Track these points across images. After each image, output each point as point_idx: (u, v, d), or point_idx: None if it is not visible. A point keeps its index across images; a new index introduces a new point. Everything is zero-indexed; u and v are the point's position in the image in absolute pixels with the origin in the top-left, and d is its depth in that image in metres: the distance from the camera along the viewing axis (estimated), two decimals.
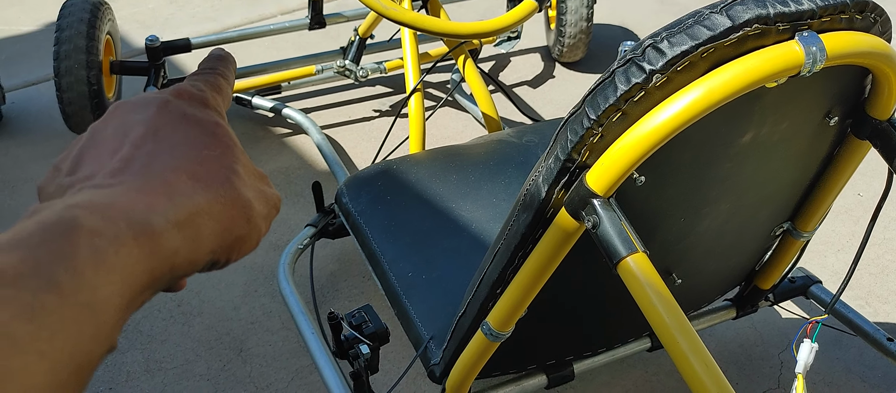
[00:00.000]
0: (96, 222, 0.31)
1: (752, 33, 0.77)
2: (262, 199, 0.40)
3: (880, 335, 1.46)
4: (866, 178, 2.11)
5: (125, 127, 0.39)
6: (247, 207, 0.38)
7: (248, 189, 0.39)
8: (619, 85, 0.79)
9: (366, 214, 1.44)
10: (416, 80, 1.92)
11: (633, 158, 0.81)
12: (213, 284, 1.82)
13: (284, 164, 2.25)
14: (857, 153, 1.06)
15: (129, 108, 0.40)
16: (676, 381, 1.55)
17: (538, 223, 0.91)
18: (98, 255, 0.30)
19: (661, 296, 0.82)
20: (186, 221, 0.35)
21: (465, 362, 1.13)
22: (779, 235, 1.25)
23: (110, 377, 1.59)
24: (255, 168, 0.42)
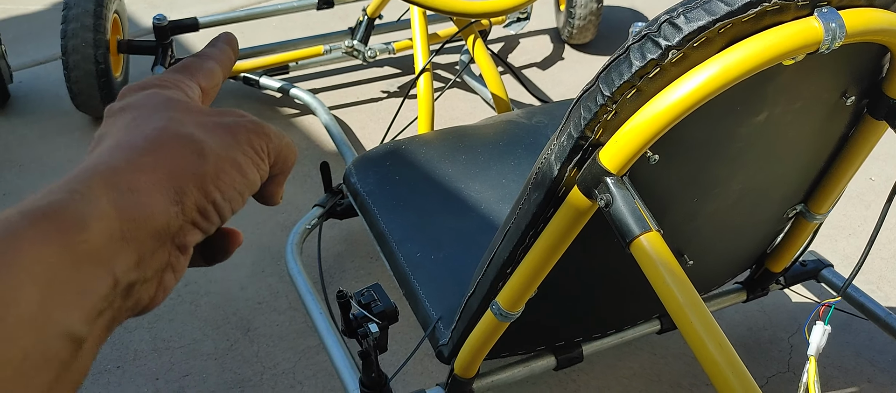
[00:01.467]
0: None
1: (770, 9, 0.76)
2: (218, 130, 0.38)
3: (892, 319, 1.45)
4: (878, 162, 2.09)
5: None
6: (189, 140, 0.36)
7: (188, 126, 0.37)
8: (635, 61, 0.78)
9: (374, 194, 1.43)
10: (424, 61, 1.90)
11: (647, 136, 0.80)
12: (220, 264, 1.81)
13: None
14: (874, 134, 1.04)
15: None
16: (684, 364, 1.55)
17: (550, 202, 0.90)
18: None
19: (675, 275, 0.81)
20: (105, 183, 0.33)
21: (474, 343, 1.12)
22: (791, 218, 1.24)
23: (118, 355, 1.59)
24: (210, 109, 0.40)
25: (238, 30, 2.84)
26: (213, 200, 0.37)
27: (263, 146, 0.39)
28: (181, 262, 0.37)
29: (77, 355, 0.31)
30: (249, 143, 0.38)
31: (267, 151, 0.40)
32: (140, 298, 0.35)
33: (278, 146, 0.40)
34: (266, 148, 0.40)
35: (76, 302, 0.31)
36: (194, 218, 0.36)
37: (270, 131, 0.40)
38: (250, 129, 0.39)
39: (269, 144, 0.40)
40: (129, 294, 0.34)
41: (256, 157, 0.39)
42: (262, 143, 0.39)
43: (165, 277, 0.36)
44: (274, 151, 0.40)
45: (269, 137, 0.40)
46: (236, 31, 2.83)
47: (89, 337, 0.32)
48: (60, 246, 0.31)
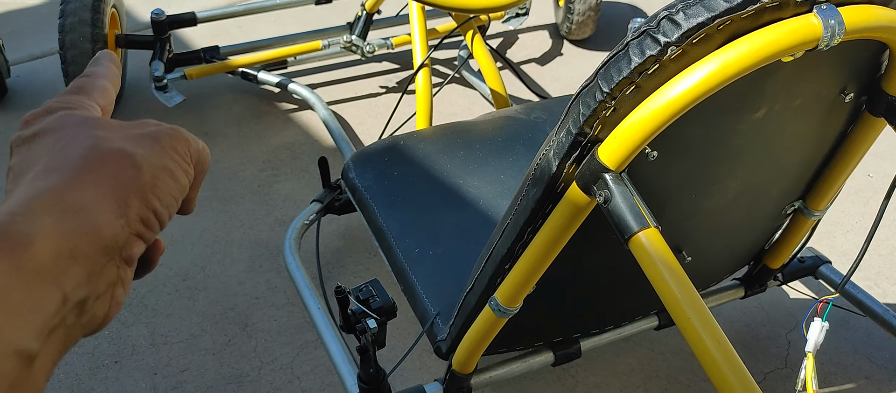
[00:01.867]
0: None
1: (769, 5, 0.76)
2: (144, 140, 0.39)
3: (889, 316, 1.45)
4: (877, 159, 2.09)
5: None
6: (122, 154, 0.37)
7: (117, 140, 0.38)
8: (633, 57, 0.78)
9: (372, 190, 1.43)
10: (423, 56, 1.90)
11: (645, 133, 0.80)
12: (218, 260, 1.82)
13: (290, 139, 2.24)
14: (872, 131, 1.04)
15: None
16: (682, 359, 1.55)
17: (548, 198, 0.90)
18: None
19: (673, 271, 0.81)
20: (45, 204, 0.34)
21: (472, 338, 1.12)
22: (790, 214, 1.24)
23: (116, 351, 1.59)
24: (127, 122, 0.41)
25: (236, 24, 2.84)
26: (154, 209, 0.37)
27: (186, 150, 0.40)
28: (128, 275, 0.37)
29: (29, 373, 0.31)
30: (174, 148, 0.39)
31: (190, 155, 0.41)
32: (94, 314, 0.35)
33: (197, 149, 0.42)
34: (188, 151, 0.40)
35: (27, 319, 0.31)
36: (138, 229, 0.37)
37: (188, 135, 0.41)
38: (172, 136, 0.40)
39: (190, 148, 0.41)
40: (82, 311, 0.34)
41: (182, 161, 0.40)
42: (183, 147, 0.40)
43: (116, 292, 0.37)
44: (194, 154, 0.41)
45: (188, 141, 0.41)
46: (234, 25, 2.83)
47: (40, 354, 0.32)
48: (8, 263, 0.31)
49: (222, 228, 1.91)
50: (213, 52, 2.35)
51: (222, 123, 2.31)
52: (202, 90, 2.46)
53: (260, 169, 2.12)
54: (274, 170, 2.12)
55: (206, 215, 1.95)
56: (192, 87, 2.45)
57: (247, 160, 2.16)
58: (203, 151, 0.42)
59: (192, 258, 1.82)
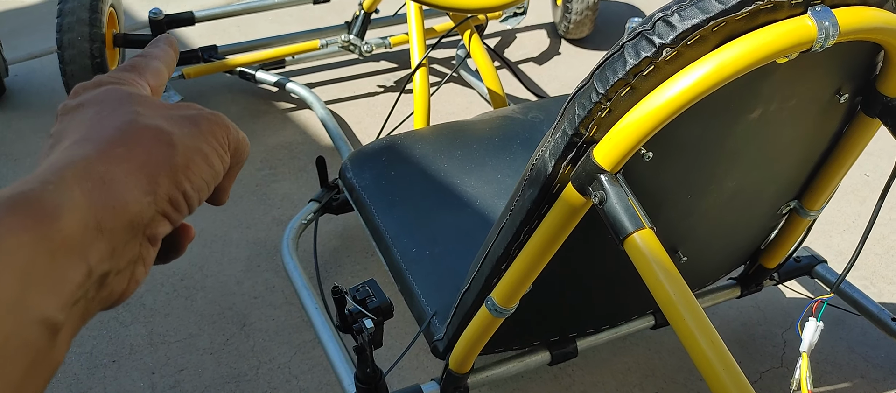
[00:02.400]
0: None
1: (764, 7, 0.76)
2: (184, 122, 0.39)
3: (885, 315, 1.46)
4: (873, 159, 2.10)
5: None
6: (158, 132, 0.37)
7: (155, 118, 0.38)
8: (629, 59, 0.78)
9: (369, 190, 1.43)
10: (421, 56, 1.90)
11: (641, 134, 0.80)
12: (216, 259, 1.82)
13: (288, 138, 2.25)
14: (867, 131, 1.05)
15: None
16: (679, 359, 1.55)
17: (544, 199, 0.90)
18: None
19: (668, 272, 0.81)
20: (77, 174, 0.34)
21: (469, 338, 1.13)
22: (785, 214, 1.24)
23: (114, 350, 1.59)
24: (170, 103, 0.41)
25: (234, 23, 2.84)
26: (183, 191, 0.37)
27: (224, 137, 0.40)
28: (151, 254, 0.37)
29: (53, 343, 0.31)
30: (213, 133, 0.39)
31: (228, 143, 0.40)
32: (113, 290, 0.36)
33: (236, 138, 0.41)
34: (227, 139, 0.40)
35: (53, 290, 0.31)
36: (165, 209, 0.37)
37: (229, 123, 0.41)
38: (212, 121, 0.40)
39: (229, 136, 0.41)
40: (102, 285, 0.34)
41: (220, 147, 0.39)
42: (223, 133, 0.40)
43: (137, 269, 0.37)
44: (233, 143, 0.41)
45: (228, 129, 0.41)
46: (232, 24, 2.83)
47: (64, 326, 0.32)
48: (36, 234, 0.31)
49: (220, 227, 1.91)
50: (212, 52, 2.36)
51: None
52: (200, 89, 2.46)
53: (258, 168, 2.12)
54: (272, 169, 2.12)
55: (204, 215, 1.95)
56: (191, 86, 2.45)
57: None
58: (242, 142, 0.42)
59: (190, 258, 1.82)
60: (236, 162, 0.42)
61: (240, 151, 0.42)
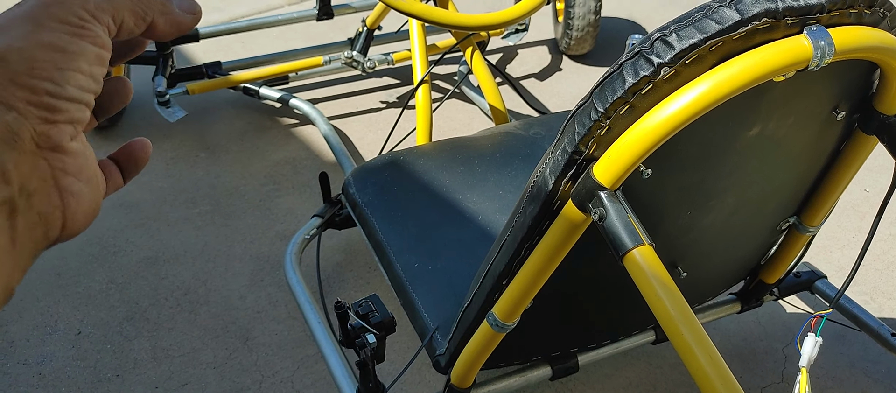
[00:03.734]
0: None
1: (760, 27, 0.78)
2: (16, 23, 0.36)
3: (884, 330, 1.46)
4: (873, 174, 2.11)
5: None
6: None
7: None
8: (628, 78, 0.80)
9: (372, 205, 1.45)
10: (423, 72, 1.92)
11: (640, 151, 0.81)
12: (219, 273, 1.83)
13: (291, 154, 2.26)
14: (865, 148, 1.06)
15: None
16: (680, 373, 1.56)
17: (545, 215, 0.91)
18: None
19: (667, 288, 0.82)
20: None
21: (471, 353, 1.13)
22: (784, 230, 1.25)
23: (117, 364, 1.60)
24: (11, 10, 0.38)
25: (238, 40, 2.86)
26: (45, 91, 0.35)
27: (74, 14, 0.37)
28: (71, 163, 0.36)
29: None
30: (53, 17, 0.36)
31: (86, 17, 0.37)
32: (43, 212, 0.35)
33: (99, 3, 0.38)
34: (81, 14, 0.37)
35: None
36: (41, 115, 0.35)
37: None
38: (49, 4, 0.37)
39: (86, 6, 0.37)
40: (14, 211, 0.34)
41: (71, 27, 0.36)
42: (68, 11, 0.37)
43: (64, 183, 0.36)
44: (100, 11, 0.38)
45: (80, 1, 0.37)
46: (236, 41, 2.85)
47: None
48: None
49: (224, 242, 1.93)
50: (216, 68, 2.38)
51: (224, 138, 2.33)
52: (204, 105, 2.48)
53: (261, 184, 2.14)
54: (275, 184, 2.13)
55: (207, 230, 1.97)
56: (195, 102, 2.47)
57: (248, 175, 2.17)
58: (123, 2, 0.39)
59: (194, 272, 1.83)
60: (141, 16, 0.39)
61: (125, 11, 0.39)
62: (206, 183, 2.14)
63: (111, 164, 0.44)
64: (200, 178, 2.16)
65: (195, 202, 2.07)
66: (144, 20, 0.40)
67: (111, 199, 2.08)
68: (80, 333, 1.68)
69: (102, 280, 1.82)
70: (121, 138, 2.31)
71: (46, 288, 1.79)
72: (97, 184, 0.38)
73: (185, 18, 0.42)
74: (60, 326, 1.69)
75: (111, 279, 1.82)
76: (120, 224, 1.99)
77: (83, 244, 1.92)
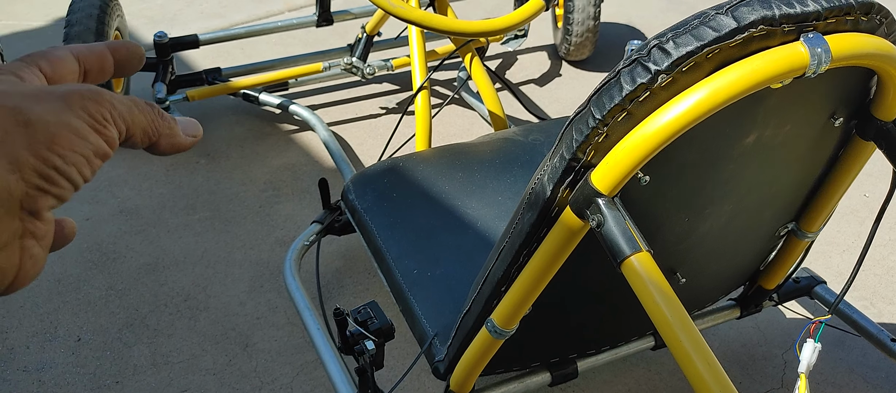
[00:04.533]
0: None
1: (757, 34, 0.78)
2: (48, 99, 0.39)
3: (884, 336, 1.46)
4: (872, 179, 2.11)
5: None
6: (14, 111, 0.38)
7: (14, 98, 0.39)
8: (625, 85, 0.80)
9: (371, 211, 1.45)
10: (422, 78, 1.92)
11: (637, 158, 0.81)
12: (219, 280, 1.83)
13: (291, 160, 2.26)
14: (862, 154, 1.06)
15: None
16: (679, 380, 1.56)
17: (543, 222, 0.92)
18: None
19: (665, 295, 0.82)
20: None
21: (469, 359, 1.13)
22: (783, 236, 1.25)
23: (117, 371, 1.60)
24: (42, 85, 0.42)
25: (238, 46, 2.86)
26: (53, 166, 0.38)
27: (101, 112, 0.40)
28: (40, 228, 0.39)
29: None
30: (84, 108, 0.40)
31: (108, 118, 0.41)
32: (2, 267, 0.37)
33: (124, 114, 0.41)
34: (106, 115, 0.40)
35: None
36: (38, 184, 0.37)
37: (111, 98, 0.41)
38: (85, 96, 0.40)
39: (113, 111, 0.41)
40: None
41: (95, 122, 0.40)
42: (95, 108, 0.40)
43: (27, 244, 0.38)
44: (120, 120, 0.41)
45: (108, 104, 0.41)
46: (236, 47, 2.85)
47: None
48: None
49: (223, 248, 1.93)
50: (215, 74, 2.38)
51: (224, 144, 2.33)
52: (204, 111, 2.48)
53: (261, 190, 2.14)
54: (275, 191, 2.14)
55: (207, 236, 1.97)
56: (195, 108, 2.48)
57: (248, 181, 2.18)
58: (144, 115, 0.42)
59: (194, 278, 1.84)
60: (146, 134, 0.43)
61: (138, 128, 0.42)
62: (205, 189, 2.14)
63: (59, 225, 0.47)
64: (200, 184, 2.16)
65: (195, 208, 2.07)
66: (151, 139, 0.44)
67: (111, 205, 2.08)
68: (80, 340, 1.68)
69: (102, 286, 1.82)
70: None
71: (46, 295, 1.79)
72: (48, 250, 0.41)
73: (186, 141, 0.46)
74: (60, 333, 1.70)
75: (111, 286, 1.82)
76: (120, 230, 1.99)
77: (83, 251, 1.92)
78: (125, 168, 2.22)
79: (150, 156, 2.26)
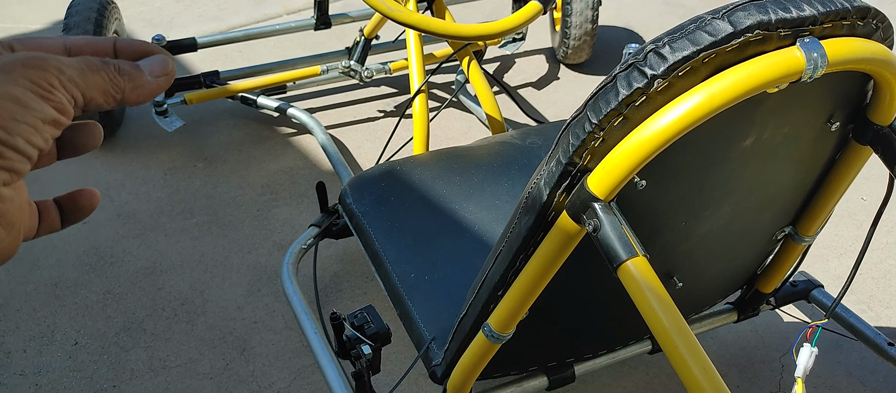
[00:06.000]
0: None
1: (753, 39, 0.78)
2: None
3: (881, 340, 1.46)
4: (870, 183, 2.11)
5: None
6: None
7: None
8: (621, 89, 0.80)
9: (369, 215, 1.45)
10: (420, 81, 1.92)
11: (634, 163, 0.81)
12: (216, 284, 1.83)
13: (289, 164, 2.26)
14: (859, 158, 1.06)
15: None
16: (677, 383, 1.56)
17: (540, 226, 0.92)
18: None
19: (661, 300, 0.82)
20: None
21: (467, 363, 1.13)
22: (780, 239, 1.25)
23: (114, 375, 1.60)
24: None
25: (236, 49, 2.86)
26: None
27: (46, 78, 0.39)
28: (3, 206, 0.38)
29: None
30: (26, 76, 0.39)
31: (55, 85, 0.40)
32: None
33: (75, 79, 0.40)
34: (52, 82, 0.39)
35: None
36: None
37: (57, 65, 0.40)
38: (27, 64, 0.39)
39: (61, 76, 0.40)
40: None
41: (39, 89, 0.39)
42: (42, 74, 0.39)
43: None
44: (70, 84, 0.40)
45: (55, 69, 0.40)
46: (234, 50, 2.85)
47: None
48: None
49: (221, 252, 1.93)
50: (213, 77, 2.38)
51: (222, 148, 2.33)
52: (202, 115, 2.48)
53: (259, 193, 2.14)
54: (273, 194, 2.13)
55: (204, 240, 1.97)
56: (192, 111, 2.47)
57: (246, 185, 2.17)
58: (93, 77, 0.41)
59: (191, 283, 1.83)
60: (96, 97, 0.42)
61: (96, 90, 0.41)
62: (203, 193, 2.14)
63: (53, 206, 0.46)
64: (198, 188, 2.16)
65: (192, 212, 2.07)
66: (115, 98, 0.43)
67: (108, 209, 2.08)
68: (77, 344, 1.68)
69: (99, 291, 1.81)
70: (119, 148, 2.32)
71: (43, 299, 1.79)
72: (17, 230, 0.40)
73: (156, 83, 0.44)
74: (57, 337, 1.69)
75: (108, 290, 1.82)
76: (117, 234, 1.99)
77: (80, 255, 1.92)
78: (122, 172, 2.22)
79: (147, 160, 2.26)
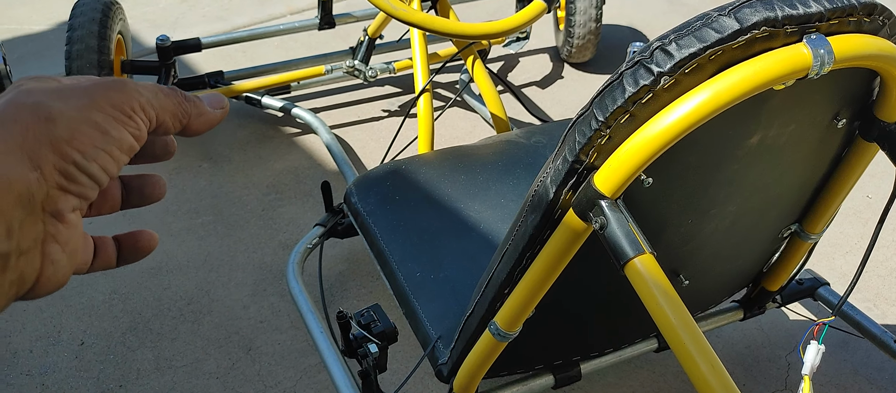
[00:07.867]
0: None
1: (760, 36, 0.78)
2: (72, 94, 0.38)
3: (888, 337, 1.46)
4: (875, 180, 2.10)
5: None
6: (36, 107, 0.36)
7: (38, 95, 0.38)
8: (627, 87, 0.80)
9: (374, 214, 1.45)
10: (425, 81, 1.92)
11: (640, 160, 0.81)
12: (222, 283, 1.83)
13: (294, 163, 2.27)
14: (865, 155, 1.06)
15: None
16: (683, 382, 1.55)
17: (546, 224, 0.91)
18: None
19: (668, 297, 0.82)
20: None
21: (473, 362, 1.13)
22: (786, 237, 1.25)
23: (121, 375, 1.60)
24: (65, 78, 0.40)
25: (240, 49, 2.87)
26: (73, 161, 0.36)
27: (127, 104, 0.39)
28: (63, 232, 0.37)
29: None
30: (108, 100, 0.38)
31: (136, 109, 0.39)
32: (23, 272, 0.35)
33: (152, 101, 0.40)
34: (134, 106, 0.39)
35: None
36: (59, 182, 0.36)
37: (136, 88, 0.40)
38: (109, 88, 0.39)
39: (140, 101, 0.40)
40: (5, 267, 0.34)
41: (120, 114, 0.39)
42: (120, 100, 0.39)
43: (49, 249, 0.36)
44: (148, 107, 0.40)
45: (135, 92, 0.39)
46: (238, 50, 2.86)
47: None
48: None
49: (227, 252, 1.93)
50: (218, 77, 2.38)
51: (227, 148, 2.34)
52: None
53: (264, 193, 2.14)
54: (278, 194, 2.14)
55: (210, 240, 1.97)
56: None
57: (251, 184, 2.18)
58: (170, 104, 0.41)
59: (197, 282, 1.84)
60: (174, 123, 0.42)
61: (167, 113, 0.41)
62: (208, 193, 2.14)
63: (110, 243, 0.46)
64: (203, 188, 2.17)
65: (198, 212, 2.07)
66: (181, 122, 0.43)
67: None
68: (84, 344, 1.68)
69: (105, 291, 1.82)
70: None
71: (49, 299, 1.80)
72: (74, 258, 0.39)
73: (215, 114, 0.45)
74: (63, 337, 1.70)
75: (114, 290, 1.82)
76: None
77: None
78: (127, 173, 2.22)
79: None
